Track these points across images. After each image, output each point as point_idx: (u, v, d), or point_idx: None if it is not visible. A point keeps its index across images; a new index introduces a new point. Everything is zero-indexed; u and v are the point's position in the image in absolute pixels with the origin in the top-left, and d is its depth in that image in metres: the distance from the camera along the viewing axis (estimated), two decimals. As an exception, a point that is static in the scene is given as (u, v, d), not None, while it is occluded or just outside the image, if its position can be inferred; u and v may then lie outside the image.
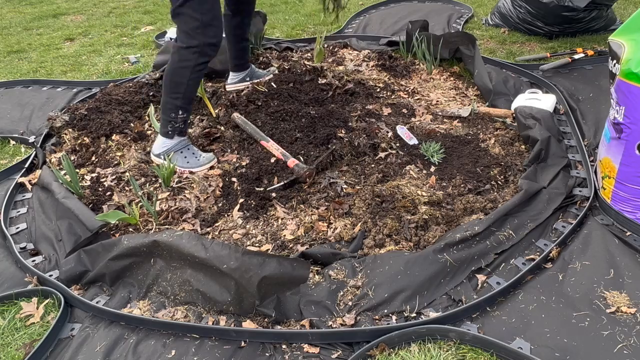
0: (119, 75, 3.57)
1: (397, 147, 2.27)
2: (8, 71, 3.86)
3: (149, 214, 1.99)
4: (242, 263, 1.55)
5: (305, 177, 2.05)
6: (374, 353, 1.42)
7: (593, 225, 1.81)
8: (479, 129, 2.44)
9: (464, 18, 4.07)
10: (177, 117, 2.15)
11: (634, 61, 1.64)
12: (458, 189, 2.02)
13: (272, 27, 4.23)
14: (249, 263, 1.55)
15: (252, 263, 1.55)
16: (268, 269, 1.55)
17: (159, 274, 1.69)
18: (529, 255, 1.73)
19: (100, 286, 1.75)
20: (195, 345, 1.51)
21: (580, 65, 3.01)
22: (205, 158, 2.24)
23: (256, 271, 1.53)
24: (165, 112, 2.16)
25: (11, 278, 1.82)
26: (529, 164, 2.11)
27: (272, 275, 1.54)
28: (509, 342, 1.41)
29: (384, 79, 2.98)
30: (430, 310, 1.54)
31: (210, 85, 3.00)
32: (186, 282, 1.64)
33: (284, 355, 1.45)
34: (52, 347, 1.54)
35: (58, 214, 2.01)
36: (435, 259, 1.65)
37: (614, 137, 1.78)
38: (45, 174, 2.25)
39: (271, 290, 1.57)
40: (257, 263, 1.55)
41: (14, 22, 5.26)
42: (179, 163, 2.20)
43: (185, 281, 1.64)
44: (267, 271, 1.54)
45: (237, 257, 1.56)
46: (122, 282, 1.74)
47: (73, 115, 2.66)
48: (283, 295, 1.58)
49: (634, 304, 1.49)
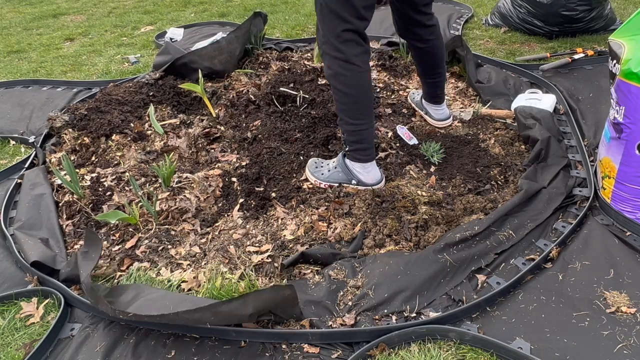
0: (119, 75, 3.57)
1: (397, 147, 2.27)
2: (8, 71, 3.86)
3: (149, 214, 1.99)
4: (222, 317, 1.46)
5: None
6: (374, 353, 1.42)
7: (593, 225, 1.81)
8: (479, 129, 2.44)
9: (464, 18, 4.07)
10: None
11: (634, 61, 1.64)
12: (458, 189, 2.02)
13: (272, 27, 4.23)
14: (227, 314, 1.45)
15: (232, 309, 1.44)
16: (250, 306, 1.45)
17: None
18: (529, 255, 1.73)
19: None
20: (195, 345, 1.51)
21: (580, 65, 3.01)
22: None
23: (240, 313, 1.46)
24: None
25: (11, 278, 1.82)
26: (529, 163, 2.11)
27: (258, 309, 1.48)
28: (509, 342, 1.40)
29: (384, 79, 2.98)
30: (430, 310, 1.54)
31: (210, 85, 3.00)
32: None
33: (284, 355, 1.45)
34: (52, 347, 1.54)
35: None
36: (435, 259, 1.65)
37: (614, 137, 1.78)
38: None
39: (264, 314, 1.52)
40: (236, 306, 1.45)
41: (14, 22, 5.26)
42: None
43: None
44: (250, 309, 1.45)
45: (214, 313, 1.44)
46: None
47: (73, 115, 2.66)
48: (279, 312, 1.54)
49: (634, 304, 1.49)
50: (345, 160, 2.02)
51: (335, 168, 2.04)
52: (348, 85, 1.85)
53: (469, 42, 3.57)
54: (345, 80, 1.84)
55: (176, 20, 4.79)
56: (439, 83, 2.38)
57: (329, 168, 2.06)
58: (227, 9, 4.95)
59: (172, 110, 2.74)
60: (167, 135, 2.50)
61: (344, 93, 1.87)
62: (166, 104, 2.78)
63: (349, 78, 1.84)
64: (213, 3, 5.27)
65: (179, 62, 2.98)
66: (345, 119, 1.92)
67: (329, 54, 1.84)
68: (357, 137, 1.93)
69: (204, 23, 4.51)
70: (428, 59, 2.27)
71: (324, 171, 2.06)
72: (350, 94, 1.87)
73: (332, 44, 1.81)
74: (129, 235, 1.95)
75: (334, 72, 1.85)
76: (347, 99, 1.88)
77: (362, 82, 1.86)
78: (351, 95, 1.87)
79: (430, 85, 2.40)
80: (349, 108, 1.90)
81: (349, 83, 1.84)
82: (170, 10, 5.17)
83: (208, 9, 5.05)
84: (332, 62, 1.84)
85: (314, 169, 2.08)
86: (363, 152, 1.96)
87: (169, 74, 3.01)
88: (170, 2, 5.43)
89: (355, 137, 1.93)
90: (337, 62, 1.83)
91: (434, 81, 2.36)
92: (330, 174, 2.04)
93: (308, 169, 2.09)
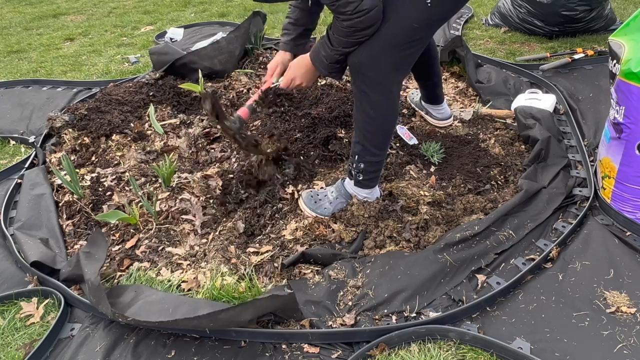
0: (119, 75, 3.56)
1: (397, 147, 2.27)
2: (8, 71, 3.86)
3: (149, 214, 1.99)
4: (220, 324, 1.47)
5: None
6: (374, 353, 1.42)
7: (593, 225, 1.81)
8: (479, 129, 2.44)
9: (463, 18, 4.06)
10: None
11: (634, 61, 1.64)
12: (458, 189, 2.02)
13: (272, 27, 4.22)
14: (226, 321, 1.47)
15: (230, 316, 1.45)
16: (249, 314, 1.47)
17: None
18: (529, 255, 1.73)
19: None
20: (195, 345, 1.51)
21: (580, 65, 3.01)
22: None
23: (239, 320, 1.47)
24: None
25: (11, 278, 1.83)
26: (529, 163, 2.11)
27: (257, 316, 1.49)
28: (509, 342, 1.40)
29: (384, 79, 2.98)
30: (430, 310, 1.54)
31: (210, 85, 3.00)
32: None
33: (284, 355, 1.45)
34: (52, 347, 1.54)
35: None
36: (435, 259, 1.65)
37: (614, 137, 1.78)
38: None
39: (264, 316, 1.53)
40: (234, 314, 1.46)
41: (14, 22, 5.26)
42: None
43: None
44: (249, 316, 1.47)
45: (212, 320, 1.45)
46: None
47: (73, 115, 2.66)
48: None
49: (634, 304, 1.49)
50: (349, 188, 1.90)
51: (336, 199, 1.90)
52: (387, 114, 1.74)
53: (469, 42, 3.57)
54: (385, 109, 1.72)
55: (176, 20, 4.79)
56: (436, 84, 2.36)
57: (330, 200, 1.91)
58: (227, 9, 4.95)
59: (172, 110, 2.74)
60: (167, 135, 2.50)
61: (380, 122, 1.74)
62: (166, 104, 2.78)
63: (390, 106, 1.73)
64: (213, 3, 5.27)
65: (179, 62, 2.98)
66: (371, 150, 1.78)
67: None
68: (377, 167, 1.83)
69: (204, 23, 4.51)
70: (421, 62, 2.23)
71: (325, 205, 1.90)
72: (386, 122, 1.76)
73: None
74: (129, 235, 1.95)
75: (376, 101, 1.70)
76: (376, 127, 1.76)
77: (395, 106, 1.76)
78: (386, 124, 1.76)
79: (428, 88, 2.39)
80: (376, 137, 1.78)
81: (389, 112, 1.73)
82: (170, 10, 5.17)
83: (208, 9, 5.05)
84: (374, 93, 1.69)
85: (314, 205, 1.91)
86: (376, 179, 1.87)
87: (169, 74, 3.01)
88: (170, 2, 5.43)
89: (375, 167, 1.83)
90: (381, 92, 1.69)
91: (431, 83, 2.35)
92: (334, 207, 1.90)
93: (307, 206, 1.92)
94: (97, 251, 1.74)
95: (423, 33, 1.65)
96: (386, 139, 1.81)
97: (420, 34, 1.63)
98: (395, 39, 1.61)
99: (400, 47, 1.63)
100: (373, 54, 1.64)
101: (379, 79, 1.68)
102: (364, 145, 1.79)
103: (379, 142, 1.79)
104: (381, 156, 1.83)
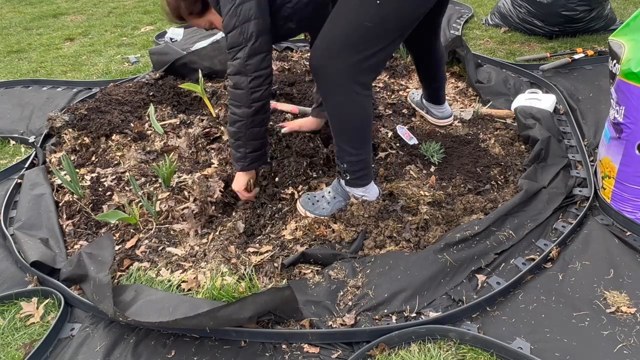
0: (119, 75, 3.57)
1: (397, 147, 2.27)
2: (8, 71, 3.86)
3: (149, 214, 1.99)
4: (220, 322, 1.47)
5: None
6: (374, 353, 1.42)
7: (593, 225, 1.81)
8: (479, 129, 2.44)
9: (464, 18, 4.07)
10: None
11: (634, 61, 1.64)
12: (458, 189, 2.02)
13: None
14: (225, 319, 1.47)
15: (230, 313, 1.46)
16: (248, 310, 1.46)
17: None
18: (529, 255, 1.73)
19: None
20: (195, 345, 1.51)
21: (580, 65, 3.01)
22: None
23: (238, 317, 1.47)
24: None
25: (11, 278, 1.83)
26: (529, 163, 2.11)
27: (257, 312, 1.48)
28: (509, 342, 1.40)
29: (383, 78, 2.98)
30: (430, 310, 1.54)
31: (210, 85, 3.00)
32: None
33: (284, 355, 1.45)
34: (52, 347, 1.54)
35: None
36: (435, 259, 1.65)
37: (614, 137, 1.78)
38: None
39: (264, 316, 1.53)
40: (234, 310, 1.46)
41: (14, 22, 5.26)
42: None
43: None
44: (249, 313, 1.46)
45: (212, 317, 1.45)
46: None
47: (73, 115, 2.66)
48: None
49: (634, 304, 1.49)
50: (344, 187, 1.89)
51: (334, 198, 1.89)
52: (353, 114, 1.72)
53: (469, 42, 3.58)
54: (350, 109, 1.70)
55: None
56: (441, 86, 2.36)
57: (328, 200, 1.90)
58: (227, 9, 4.94)
59: (172, 110, 2.74)
60: (167, 135, 2.50)
61: (347, 122, 1.74)
62: (166, 104, 2.78)
63: (356, 106, 1.70)
64: (213, 3, 5.26)
65: (179, 62, 2.98)
66: (347, 149, 1.78)
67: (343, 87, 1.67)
68: (360, 165, 1.82)
69: (204, 23, 4.50)
70: (430, 64, 2.24)
71: (323, 205, 1.89)
72: (355, 122, 1.74)
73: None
74: (129, 235, 1.95)
75: (338, 102, 1.69)
76: (344, 127, 1.76)
77: (364, 105, 1.72)
78: (355, 123, 1.75)
79: (432, 89, 2.39)
80: (348, 137, 1.77)
81: (355, 112, 1.71)
82: (170, 10, 5.16)
83: (208, 9, 5.05)
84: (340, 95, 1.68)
85: (312, 207, 1.90)
86: (365, 177, 1.86)
87: (169, 74, 3.01)
88: (170, 2, 5.42)
89: (359, 166, 1.82)
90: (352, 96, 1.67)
91: (436, 85, 2.35)
92: (332, 207, 1.88)
93: (305, 209, 1.90)
94: (101, 253, 1.75)
95: (381, 32, 1.58)
96: (361, 138, 1.78)
97: (378, 33, 1.57)
98: (349, 39, 1.58)
99: (358, 48, 1.58)
100: (330, 55, 1.61)
101: (339, 80, 1.64)
102: (339, 145, 1.79)
103: (353, 141, 1.77)
104: (360, 155, 1.80)
